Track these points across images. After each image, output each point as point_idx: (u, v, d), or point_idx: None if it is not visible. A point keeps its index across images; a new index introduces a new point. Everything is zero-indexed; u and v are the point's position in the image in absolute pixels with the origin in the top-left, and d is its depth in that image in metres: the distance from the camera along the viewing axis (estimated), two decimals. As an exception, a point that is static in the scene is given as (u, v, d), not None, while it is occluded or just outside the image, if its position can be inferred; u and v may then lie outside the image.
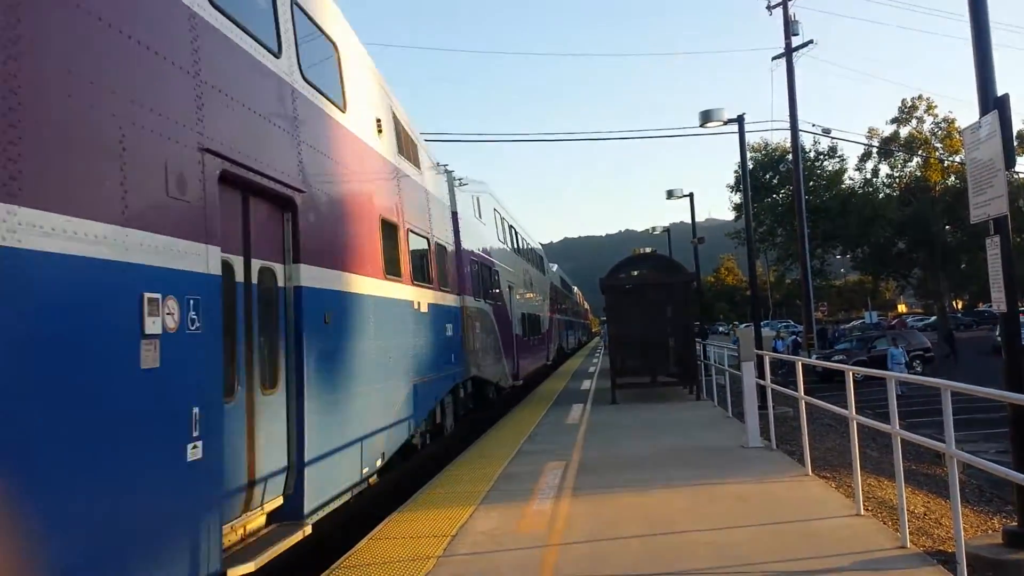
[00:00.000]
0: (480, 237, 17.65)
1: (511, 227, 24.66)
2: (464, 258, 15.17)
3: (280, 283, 6.82)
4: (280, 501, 6.66)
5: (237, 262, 6.09)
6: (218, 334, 5.37)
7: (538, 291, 30.13)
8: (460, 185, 15.82)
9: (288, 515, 6.69)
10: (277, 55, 6.91)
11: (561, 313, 44.11)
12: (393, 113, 10.91)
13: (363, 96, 9.47)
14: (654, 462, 10.95)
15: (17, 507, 3.60)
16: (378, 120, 9.97)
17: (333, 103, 8.34)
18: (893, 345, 28.02)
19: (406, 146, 11.57)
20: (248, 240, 6.29)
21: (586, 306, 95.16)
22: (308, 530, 6.77)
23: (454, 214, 14.97)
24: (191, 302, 5.02)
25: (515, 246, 24.91)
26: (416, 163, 12.22)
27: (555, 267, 46.06)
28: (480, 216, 18.14)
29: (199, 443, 4.98)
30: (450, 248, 14.04)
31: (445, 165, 15.30)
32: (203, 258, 5.23)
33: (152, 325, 4.59)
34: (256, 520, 6.30)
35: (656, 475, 9.95)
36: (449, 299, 13.26)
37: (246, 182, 6.07)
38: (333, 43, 8.63)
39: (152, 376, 4.56)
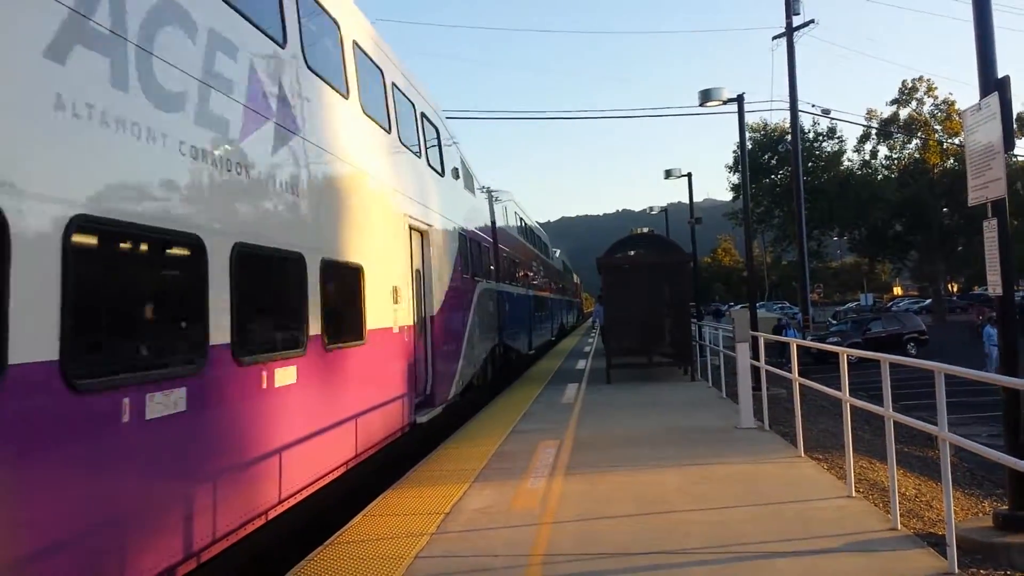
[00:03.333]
0: None
1: None
2: None
3: None
4: None
5: None
6: None
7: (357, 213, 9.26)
8: None
9: None
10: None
11: (510, 280, 23.06)
12: None
13: None
14: (648, 442, 10.98)
15: None
16: None
17: None
18: (990, 324, 26.28)
19: None
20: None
21: (577, 280, 76.29)
22: None
23: None
24: None
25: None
26: None
27: (510, 203, 25.32)
28: None
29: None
30: None
31: None
32: None
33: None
34: None
35: (649, 454, 9.99)
36: None
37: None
38: None
39: None
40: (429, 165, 13.17)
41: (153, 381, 5.00)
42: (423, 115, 13.36)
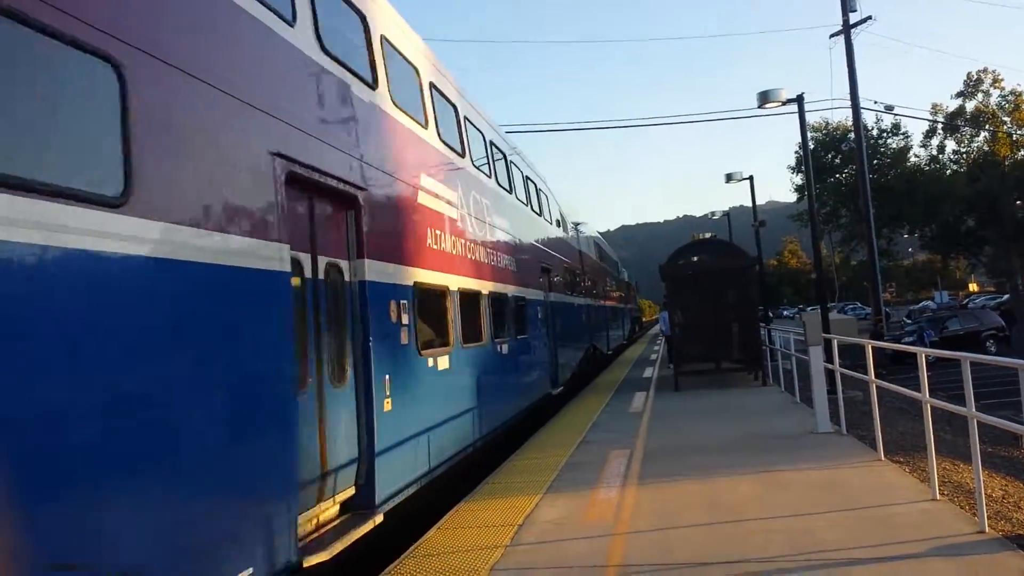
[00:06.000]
0: None
1: None
2: None
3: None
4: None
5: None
6: None
7: None
8: None
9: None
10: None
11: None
12: None
13: None
14: (720, 449, 10.83)
15: None
16: None
17: None
18: None
19: None
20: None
21: (625, 278, 50.66)
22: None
23: None
24: None
25: None
26: None
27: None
28: None
29: None
30: None
31: None
32: None
33: None
34: None
35: (722, 462, 9.84)
36: None
37: None
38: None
39: None
40: None
41: None
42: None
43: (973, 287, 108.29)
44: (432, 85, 10.52)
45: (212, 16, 5.37)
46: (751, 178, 35.42)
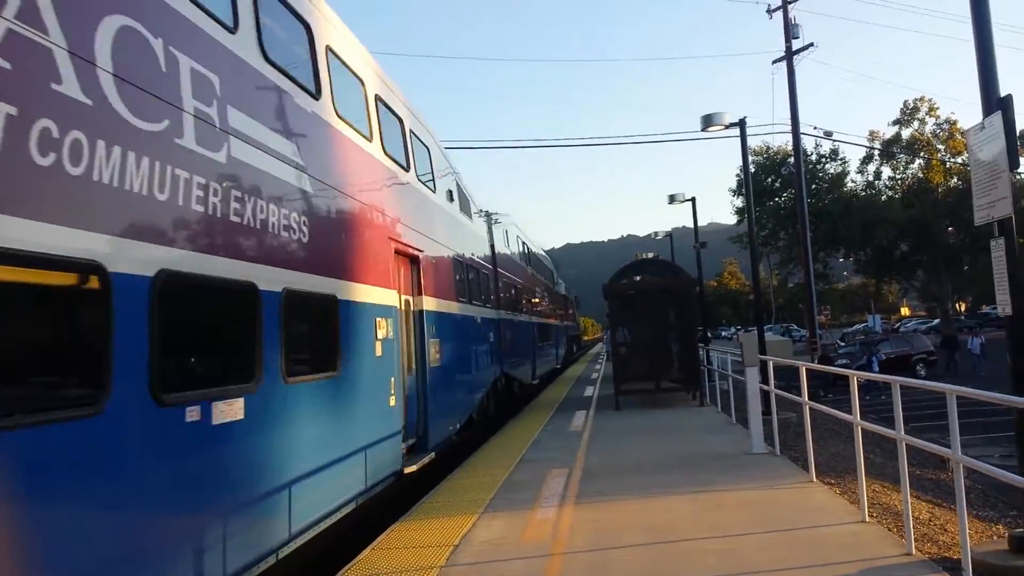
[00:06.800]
0: None
1: None
2: None
3: None
4: None
5: None
6: None
7: None
8: None
9: None
10: None
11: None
12: None
13: None
14: (658, 468, 10.90)
15: None
16: None
17: None
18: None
19: None
20: None
21: (562, 290, 46.46)
22: None
23: None
24: None
25: None
26: None
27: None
28: None
29: None
30: None
31: None
32: None
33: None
34: None
35: (660, 481, 9.90)
36: None
37: None
38: None
39: None
40: None
41: None
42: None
43: (905, 311, 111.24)
44: None
45: None
46: (693, 200, 35.88)
